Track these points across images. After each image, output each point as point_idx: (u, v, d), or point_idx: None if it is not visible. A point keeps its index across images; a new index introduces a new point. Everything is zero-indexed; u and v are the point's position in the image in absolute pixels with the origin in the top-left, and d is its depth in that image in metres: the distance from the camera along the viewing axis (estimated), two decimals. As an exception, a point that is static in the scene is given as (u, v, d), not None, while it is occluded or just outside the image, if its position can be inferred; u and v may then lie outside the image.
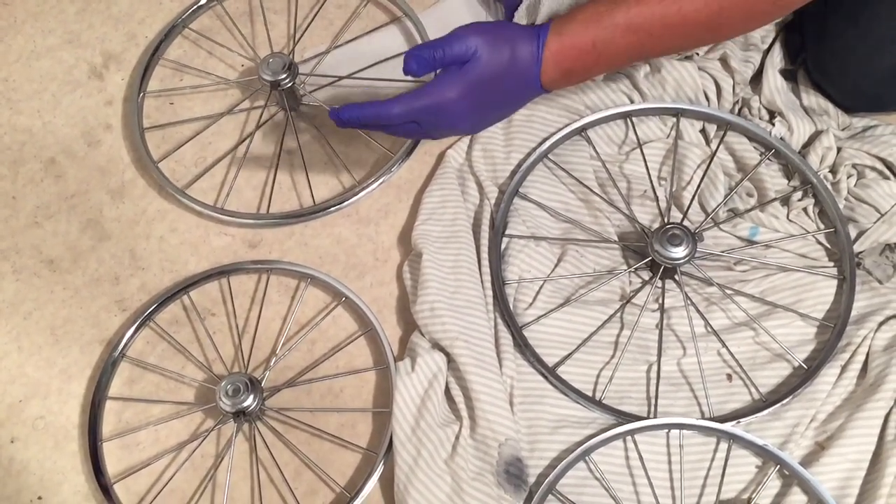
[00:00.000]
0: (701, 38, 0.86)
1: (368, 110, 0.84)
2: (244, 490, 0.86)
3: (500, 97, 0.87)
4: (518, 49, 0.84)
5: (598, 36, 0.82)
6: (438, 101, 0.83)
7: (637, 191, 0.98)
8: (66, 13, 1.13)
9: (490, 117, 0.90)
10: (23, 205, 1.01)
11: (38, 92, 1.08)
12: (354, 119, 0.84)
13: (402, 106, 0.83)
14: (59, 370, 0.92)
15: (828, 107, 0.99)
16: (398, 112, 0.83)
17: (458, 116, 0.85)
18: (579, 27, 0.83)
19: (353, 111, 0.84)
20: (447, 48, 0.82)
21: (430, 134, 0.88)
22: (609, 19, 0.82)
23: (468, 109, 0.85)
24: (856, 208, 0.94)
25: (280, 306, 0.94)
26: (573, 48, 0.83)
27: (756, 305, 0.91)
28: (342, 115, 0.85)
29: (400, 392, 0.85)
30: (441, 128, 0.87)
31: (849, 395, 0.86)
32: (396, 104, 0.83)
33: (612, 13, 0.82)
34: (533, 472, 0.83)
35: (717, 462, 0.84)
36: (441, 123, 0.85)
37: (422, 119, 0.83)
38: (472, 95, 0.84)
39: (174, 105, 1.07)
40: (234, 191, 1.00)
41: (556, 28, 0.84)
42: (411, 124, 0.84)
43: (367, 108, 0.84)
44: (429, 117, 0.83)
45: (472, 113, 0.86)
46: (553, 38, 0.84)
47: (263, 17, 1.11)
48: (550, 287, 0.92)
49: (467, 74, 0.83)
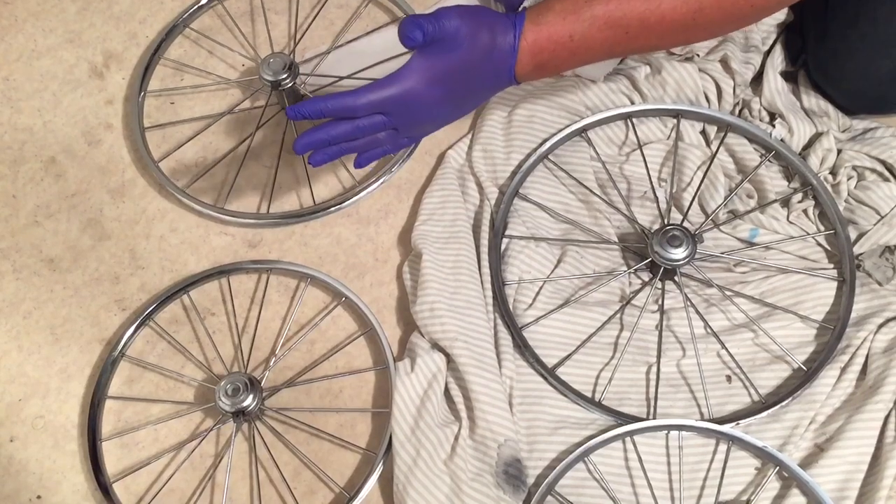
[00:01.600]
0: (677, 38, 0.83)
1: (332, 102, 0.76)
2: (243, 490, 0.86)
3: (470, 86, 0.81)
4: (496, 39, 0.79)
5: (576, 30, 0.79)
6: (410, 89, 0.77)
7: (637, 192, 0.98)
8: (66, 12, 1.13)
9: (460, 109, 0.84)
10: (23, 204, 1.01)
11: (38, 91, 1.08)
12: (317, 111, 0.76)
13: (371, 94, 0.76)
14: (58, 369, 0.92)
15: (828, 108, 0.99)
16: (365, 101, 0.76)
17: (429, 106, 0.79)
18: (557, 18, 0.79)
19: (315, 104, 0.76)
20: (439, 25, 0.75)
21: (398, 129, 0.81)
22: (588, 11, 0.79)
23: (440, 99, 0.79)
24: (856, 210, 0.94)
25: (280, 306, 0.94)
26: (550, 41, 0.80)
27: (756, 307, 0.91)
28: (302, 110, 0.77)
29: (399, 392, 0.85)
30: (409, 119, 0.80)
31: (848, 397, 0.86)
32: (363, 93, 0.76)
33: (591, 5, 0.79)
34: (532, 472, 0.83)
35: (716, 463, 0.84)
36: (410, 114, 0.79)
37: (390, 108, 0.77)
38: (445, 84, 0.78)
39: (175, 105, 1.07)
40: (234, 190, 1.00)
41: (533, 17, 0.80)
42: (378, 117, 0.78)
43: (330, 100, 0.76)
44: (398, 107, 0.77)
45: (443, 102, 0.80)
46: (530, 28, 0.80)
47: (264, 16, 1.11)
48: (550, 288, 0.92)
49: (444, 61, 0.77)
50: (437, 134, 1.01)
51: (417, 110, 0.79)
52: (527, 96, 1.01)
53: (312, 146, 0.79)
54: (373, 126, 0.79)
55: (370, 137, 0.80)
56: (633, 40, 0.81)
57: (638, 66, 1.01)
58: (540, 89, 1.01)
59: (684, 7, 0.78)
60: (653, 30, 0.79)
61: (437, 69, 0.77)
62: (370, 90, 0.76)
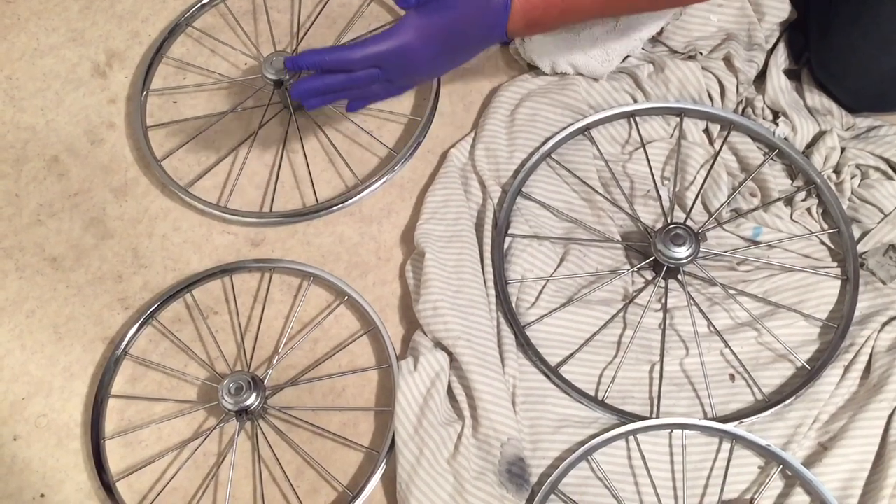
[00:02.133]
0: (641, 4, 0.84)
1: (330, 55, 0.80)
2: (246, 488, 0.86)
3: (464, 42, 0.84)
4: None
5: None
6: (405, 44, 0.80)
7: (640, 190, 0.98)
8: (69, 11, 1.13)
9: (450, 64, 0.87)
10: (26, 203, 1.01)
11: (41, 90, 1.08)
12: (314, 63, 0.81)
13: (367, 48, 0.80)
14: (61, 368, 0.92)
15: (831, 107, 0.99)
16: (362, 55, 0.80)
17: (421, 61, 0.82)
18: None
19: (313, 56, 0.80)
20: None
21: (390, 81, 0.84)
22: None
23: (432, 53, 0.82)
24: (859, 209, 0.94)
25: (282, 305, 0.94)
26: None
27: (759, 305, 0.91)
28: (300, 62, 0.81)
29: (402, 391, 0.85)
30: (403, 74, 0.83)
31: (852, 396, 0.86)
32: (359, 47, 0.80)
33: None
34: (535, 471, 0.83)
35: (719, 462, 0.84)
36: (404, 69, 0.82)
37: (385, 63, 0.80)
38: (439, 40, 0.81)
39: (177, 103, 1.07)
40: (236, 189, 1.00)
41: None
42: (373, 70, 0.81)
43: (328, 53, 0.80)
44: (393, 61, 0.80)
45: (436, 57, 0.83)
46: None
47: (267, 15, 1.11)
48: (553, 286, 0.92)
49: (437, 18, 0.80)
50: (440, 133, 1.02)
51: (411, 64, 0.82)
52: (530, 95, 1.01)
53: (310, 94, 0.83)
54: (368, 77, 0.82)
55: (363, 89, 0.84)
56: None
57: (641, 65, 1.01)
58: (543, 88, 1.01)
59: None
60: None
61: (432, 26, 0.80)
62: (367, 45, 0.80)
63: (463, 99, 1.05)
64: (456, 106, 1.04)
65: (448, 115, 1.04)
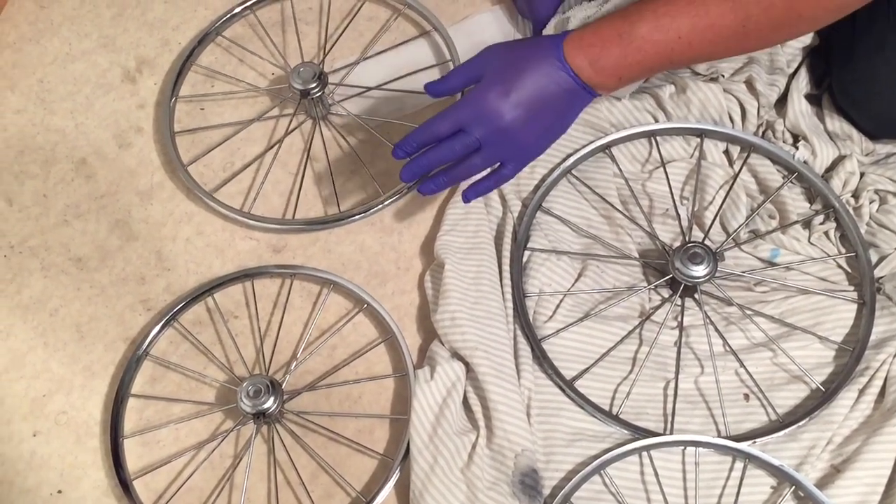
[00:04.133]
0: (729, 47, 0.84)
1: (418, 129, 0.84)
2: (261, 491, 0.87)
3: (537, 88, 0.83)
4: (535, 41, 0.86)
5: (624, 28, 0.82)
6: (480, 99, 0.82)
7: (659, 209, 0.99)
8: (101, 18, 1.16)
9: (538, 120, 0.85)
10: (53, 203, 1.02)
11: (72, 94, 1.10)
12: (411, 144, 0.84)
13: (447, 111, 0.84)
14: (83, 366, 0.93)
15: (851, 132, 1.00)
16: (442, 117, 0.83)
17: (501, 115, 0.83)
18: (603, 21, 0.84)
19: (406, 138, 0.85)
20: (462, 67, 0.85)
21: (483, 147, 0.84)
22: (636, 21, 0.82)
23: (510, 106, 0.82)
24: (877, 233, 0.94)
25: (302, 311, 0.95)
26: (595, 34, 0.83)
27: (775, 326, 0.91)
28: (404, 147, 0.85)
29: (418, 399, 0.85)
30: (489, 133, 0.83)
31: (866, 419, 0.86)
32: (441, 112, 0.84)
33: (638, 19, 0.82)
34: (548, 483, 0.84)
35: (732, 481, 0.84)
36: (487, 125, 0.83)
37: (468, 123, 0.83)
38: (509, 92, 0.82)
39: (205, 111, 1.08)
40: (260, 196, 1.02)
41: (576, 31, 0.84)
42: (463, 137, 0.83)
43: (416, 129, 0.85)
44: (474, 118, 0.83)
45: (516, 109, 0.83)
46: (573, 33, 0.84)
47: (295, 26, 1.13)
48: (570, 301, 0.92)
49: (499, 77, 0.83)
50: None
51: (492, 120, 0.83)
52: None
53: (415, 174, 0.85)
54: (462, 146, 0.84)
55: (465, 163, 0.85)
56: (687, 48, 0.82)
57: (663, 85, 1.02)
58: (565, 105, 1.02)
59: (732, 14, 0.79)
60: (704, 35, 0.81)
61: (498, 83, 0.83)
62: (446, 109, 0.84)
63: (486, 114, 1.06)
64: (478, 121, 1.05)
65: (470, 129, 1.05)
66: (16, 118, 1.08)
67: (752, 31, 0.80)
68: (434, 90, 0.86)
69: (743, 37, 0.81)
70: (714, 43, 0.82)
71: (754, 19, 0.79)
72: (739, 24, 0.80)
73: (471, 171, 0.87)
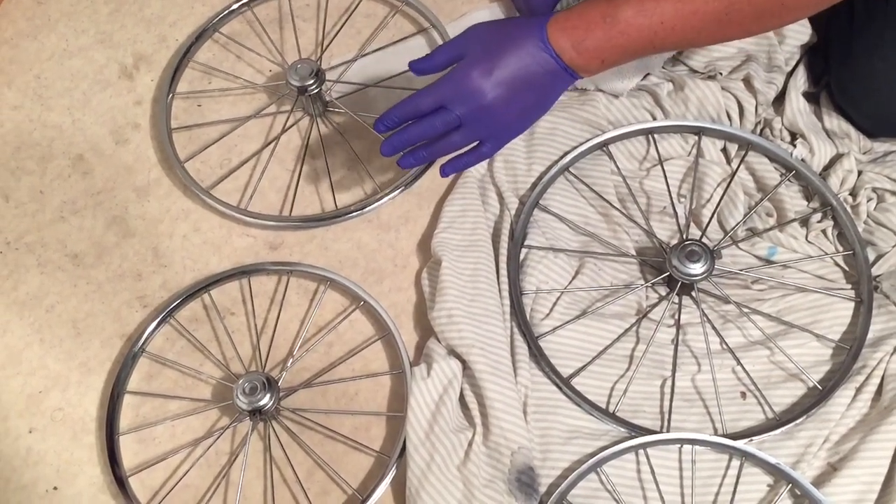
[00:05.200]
0: (712, 33, 0.83)
1: (400, 104, 0.85)
2: (257, 488, 0.86)
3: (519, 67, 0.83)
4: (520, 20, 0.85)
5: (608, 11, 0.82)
6: (462, 76, 0.82)
7: (657, 207, 0.98)
8: (99, 14, 1.15)
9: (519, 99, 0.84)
10: (50, 199, 1.02)
11: (69, 90, 1.10)
12: (392, 118, 0.85)
13: (429, 87, 0.84)
14: (79, 363, 0.93)
15: (849, 130, 1.00)
16: (425, 93, 0.84)
17: (483, 93, 0.82)
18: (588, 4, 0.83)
19: (387, 112, 0.85)
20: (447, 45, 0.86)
21: (466, 127, 0.84)
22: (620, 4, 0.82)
23: (492, 84, 0.82)
24: (875, 232, 0.94)
25: (299, 308, 0.95)
26: (579, 17, 0.82)
27: (772, 325, 0.91)
28: (384, 121, 0.85)
29: (415, 397, 0.85)
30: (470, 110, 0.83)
31: (862, 418, 0.86)
32: (423, 89, 0.84)
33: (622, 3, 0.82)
34: (544, 481, 0.84)
35: (728, 479, 0.84)
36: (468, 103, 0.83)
37: (450, 100, 0.83)
38: (492, 70, 0.82)
39: (202, 107, 1.08)
40: (257, 193, 1.02)
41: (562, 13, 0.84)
42: (444, 113, 0.83)
43: (398, 104, 0.85)
44: (455, 96, 0.83)
45: (496, 89, 0.83)
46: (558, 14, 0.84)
47: (293, 23, 1.13)
48: (567, 299, 0.92)
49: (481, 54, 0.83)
50: (460, 143, 1.02)
51: (473, 98, 0.83)
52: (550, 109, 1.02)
53: (395, 148, 0.86)
54: (442, 123, 0.84)
55: (445, 139, 0.85)
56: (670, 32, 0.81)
57: (661, 83, 1.02)
58: (563, 102, 1.02)
59: (716, 1, 0.79)
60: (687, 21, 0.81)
61: (481, 62, 0.83)
62: (429, 86, 0.84)
63: (483, 111, 1.06)
64: (476, 118, 1.05)
65: (468, 126, 1.05)
66: (12, 114, 1.08)
67: (736, 18, 0.80)
68: (418, 68, 0.86)
69: (727, 24, 0.81)
70: (697, 29, 0.81)
71: (738, 7, 0.79)
72: (723, 10, 0.79)
73: (451, 148, 0.87)
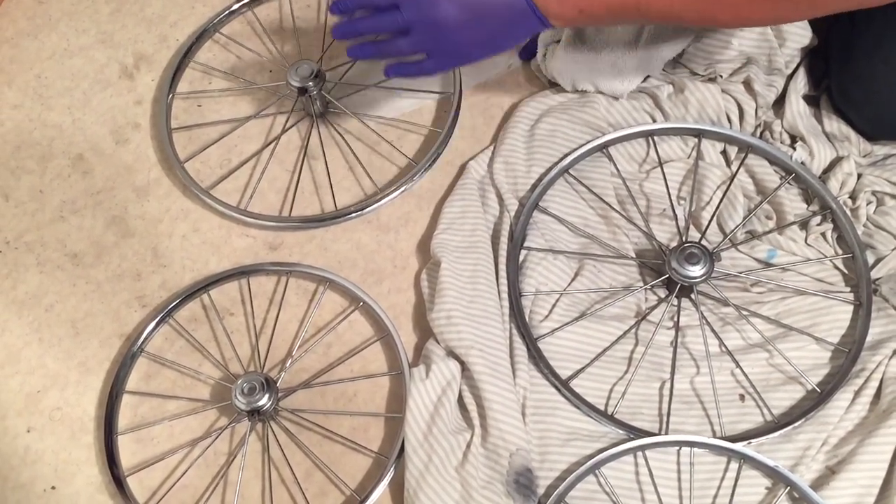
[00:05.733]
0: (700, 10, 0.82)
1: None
2: (255, 488, 0.86)
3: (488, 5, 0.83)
4: None
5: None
6: None
7: (656, 209, 0.98)
8: (100, 13, 1.15)
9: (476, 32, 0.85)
10: (49, 199, 1.02)
11: (69, 89, 1.10)
12: (347, 3, 0.86)
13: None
14: (77, 362, 0.93)
15: (849, 133, 1.00)
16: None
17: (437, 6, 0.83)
18: None
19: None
20: None
21: (416, 36, 0.85)
22: None
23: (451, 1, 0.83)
24: (874, 235, 0.94)
25: (298, 309, 0.95)
26: None
27: (771, 327, 0.91)
28: (338, 6, 0.87)
29: (413, 398, 0.85)
30: (422, 19, 0.84)
31: (861, 421, 0.86)
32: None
33: None
34: (543, 483, 0.84)
35: (727, 481, 0.84)
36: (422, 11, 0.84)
37: (403, 2, 0.83)
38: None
39: (202, 107, 1.08)
40: (257, 193, 1.02)
41: None
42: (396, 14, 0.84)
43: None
44: (410, 1, 0.83)
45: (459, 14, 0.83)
46: None
47: (293, 24, 1.13)
48: (566, 300, 0.92)
49: None
50: (460, 145, 1.03)
51: (427, 7, 0.83)
52: (550, 111, 1.02)
53: (344, 34, 0.88)
54: (392, 22, 0.85)
55: (393, 41, 0.86)
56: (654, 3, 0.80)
57: (661, 85, 1.02)
58: (563, 104, 1.02)
59: None
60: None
61: None
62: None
63: (483, 113, 1.06)
64: (476, 119, 1.05)
65: (468, 128, 1.05)
66: (13, 113, 1.08)
67: None
68: None
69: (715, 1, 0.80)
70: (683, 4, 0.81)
71: None
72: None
73: (396, 51, 0.87)
